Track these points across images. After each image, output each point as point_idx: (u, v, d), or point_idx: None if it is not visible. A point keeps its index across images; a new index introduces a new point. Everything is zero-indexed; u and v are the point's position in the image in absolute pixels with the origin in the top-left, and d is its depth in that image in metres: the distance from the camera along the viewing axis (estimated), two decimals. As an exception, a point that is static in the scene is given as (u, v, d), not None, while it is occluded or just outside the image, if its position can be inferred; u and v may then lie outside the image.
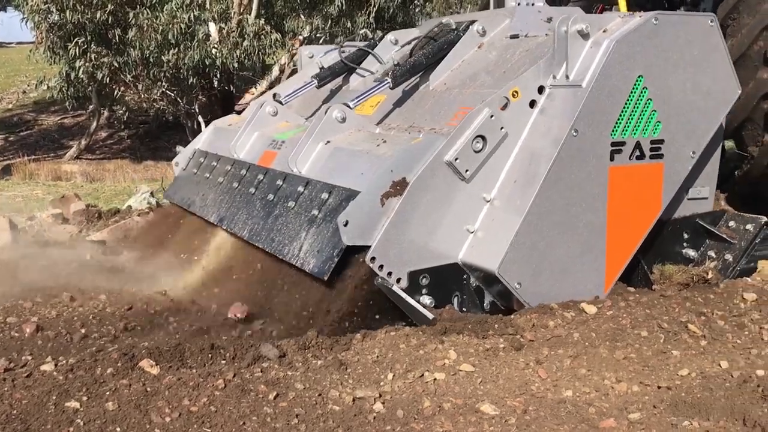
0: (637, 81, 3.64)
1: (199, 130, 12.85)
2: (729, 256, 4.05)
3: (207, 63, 10.99)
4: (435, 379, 2.95)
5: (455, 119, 3.92)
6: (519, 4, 4.90)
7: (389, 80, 4.36)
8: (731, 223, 4.13)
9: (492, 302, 3.63)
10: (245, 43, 11.01)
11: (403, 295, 3.41)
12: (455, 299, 3.59)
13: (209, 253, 4.91)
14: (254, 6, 12.13)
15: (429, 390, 2.87)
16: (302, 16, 12.81)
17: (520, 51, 4.19)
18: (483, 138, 3.55)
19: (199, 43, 10.90)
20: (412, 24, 14.11)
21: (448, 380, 2.95)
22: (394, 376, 2.98)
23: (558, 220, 3.54)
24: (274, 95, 5.49)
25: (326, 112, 4.23)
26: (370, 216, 3.41)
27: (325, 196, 3.82)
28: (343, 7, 12.09)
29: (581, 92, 3.53)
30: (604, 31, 3.63)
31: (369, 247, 3.40)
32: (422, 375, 2.98)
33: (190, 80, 11.51)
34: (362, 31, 5.86)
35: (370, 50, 5.29)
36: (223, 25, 11.23)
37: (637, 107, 3.67)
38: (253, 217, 4.36)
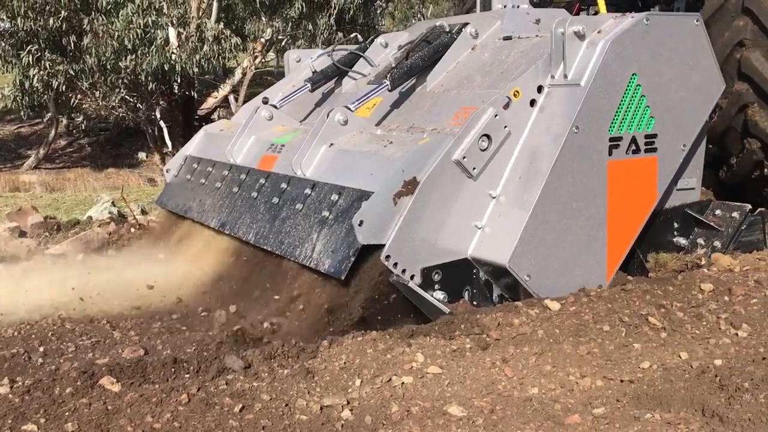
0: (631, 79, 3.83)
1: (161, 137, 12.72)
2: (718, 243, 4.26)
3: (166, 68, 10.86)
4: (403, 383, 2.96)
5: (456, 119, 4.09)
6: (505, 7, 5.12)
7: (388, 82, 4.48)
8: (717, 212, 4.34)
9: (500, 295, 3.76)
10: (205, 47, 10.91)
11: (420, 291, 3.54)
12: (466, 293, 3.72)
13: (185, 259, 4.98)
14: (214, 10, 12.05)
15: (397, 394, 2.88)
16: (264, 19, 12.74)
17: (515, 52, 4.36)
18: (488, 137, 3.69)
19: (158, 48, 10.78)
20: (373, 25, 14.13)
21: (416, 383, 2.96)
22: (361, 382, 2.98)
23: (562, 213, 3.71)
24: (264, 99, 5.62)
25: (328, 115, 4.32)
26: (384, 215, 3.52)
27: (334, 197, 3.92)
28: (304, 10, 12.04)
29: (580, 91, 3.70)
30: (599, 32, 3.81)
31: (382, 245, 3.49)
32: (390, 379, 2.99)
33: (150, 86, 11.37)
34: (354, 35, 5.87)
35: (361, 53, 5.42)
36: (181, 30, 11.10)
37: (632, 104, 3.86)
38: (258, 221, 4.44)
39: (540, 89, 3.83)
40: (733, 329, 3.35)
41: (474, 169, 3.67)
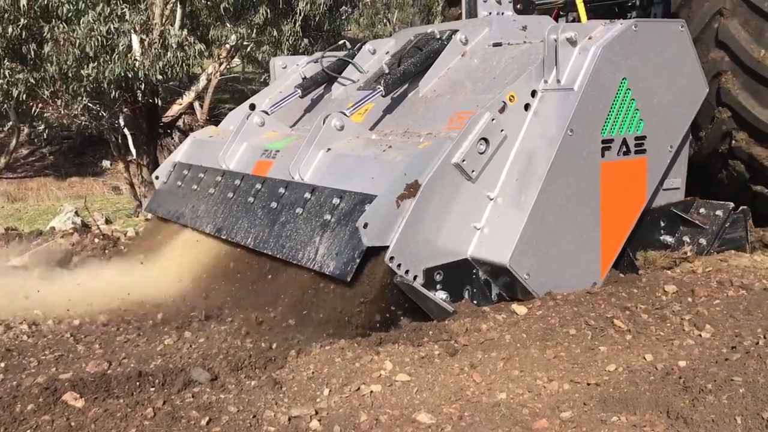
0: (621, 83, 4.00)
1: (126, 144, 12.53)
2: (703, 240, 4.45)
3: (129, 76, 10.68)
4: (371, 391, 2.97)
5: (451, 123, 4.24)
6: (490, 14, 5.29)
7: (382, 88, 4.60)
8: (702, 210, 4.52)
9: (499, 294, 3.90)
10: (168, 54, 10.76)
11: (425, 291, 3.65)
12: (466, 292, 3.84)
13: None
14: (177, 17, 11.91)
15: (365, 403, 2.88)
16: (228, 25, 12.63)
17: (506, 58, 4.51)
18: (486, 140, 3.83)
19: (120, 55, 10.61)
20: (339, 32, 14.09)
21: (385, 392, 2.97)
22: (330, 391, 2.98)
23: (558, 214, 3.85)
24: (252, 105, 5.81)
25: (324, 121, 4.41)
26: (387, 218, 3.62)
27: (336, 201, 4.01)
28: (269, 16, 11.97)
29: (574, 95, 3.85)
30: (590, 38, 3.97)
31: (386, 247, 3.59)
32: (358, 388, 3.00)
33: (113, 94, 11.18)
34: (342, 42, 6.07)
35: (350, 60, 5.54)
36: (144, 37, 10.95)
37: (623, 107, 4.03)
38: (256, 226, 4.50)
39: (534, 94, 3.97)
40: (696, 330, 3.44)
41: (473, 171, 3.80)
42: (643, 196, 4.20)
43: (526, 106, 3.95)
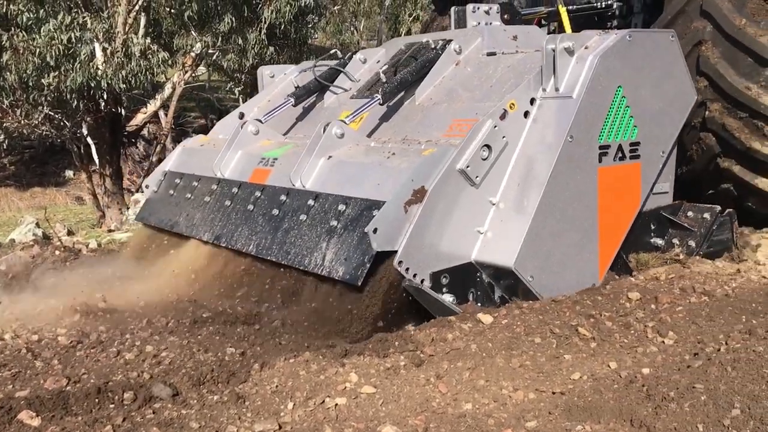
0: (617, 91, 4.14)
1: (89, 154, 12.32)
2: (692, 242, 4.58)
3: (92, 85, 10.52)
4: (336, 404, 2.94)
5: (450, 131, 4.36)
6: (479, 24, 5.44)
7: (379, 97, 4.70)
8: (689, 213, 4.66)
9: (501, 296, 4.00)
10: (132, 63, 10.62)
11: (435, 294, 3.76)
12: (471, 295, 3.94)
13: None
14: (141, 24, 11.76)
15: (330, 416, 2.85)
16: (193, 33, 12.52)
17: (502, 67, 4.64)
18: (488, 147, 3.93)
19: (82, 64, 10.44)
20: (305, 40, 14.04)
21: (350, 404, 2.94)
22: (294, 405, 2.94)
23: (559, 217, 3.98)
24: (240, 114, 5.89)
25: (324, 129, 4.49)
26: (395, 223, 3.71)
27: (342, 207, 4.08)
28: (234, 24, 11.88)
29: (572, 102, 3.99)
30: (586, 48, 4.11)
31: (394, 252, 3.67)
32: (323, 401, 2.96)
33: (75, 103, 10.99)
34: (333, 51, 6.15)
35: (341, 69, 5.63)
36: (107, 46, 10.79)
37: (618, 114, 4.17)
38: (257, 233, 4.54)
39: (532, 101, 4.09)
40: (659, 337, 3.47)
41: (476, 177, 3.90)
42: (638, 200, 4.35)
43: (526, 114, 4.07)
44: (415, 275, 3.71)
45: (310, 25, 15.04)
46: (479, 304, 3.91)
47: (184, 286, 4.86)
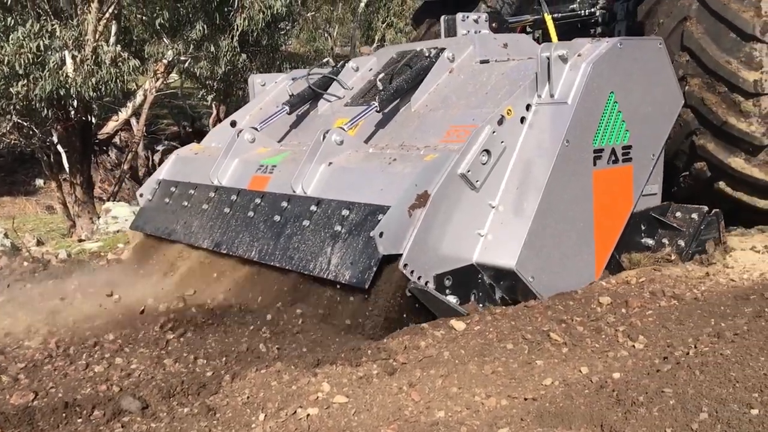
0: (609, 96, 4.29)
1: (59, 162, 12.15)
2: (681, 242, 4.71)
3: (61, 93, 10.39)
4: (308, 414, 2.93)
5: (448, 136, 4.50)
6: (468, 33, 5.60)
7: (376, 104, 4.83)
8: (678, 213, 4.80)
9: (502, 297, 4.13)
10: (102, 70, 10.50)
11: (440, 296, 3.86)
12: (473, 296, 4.05)
13: None
14: (112, 32, 11.64)
15: (302, 427, 2.84)
16: (165, 41, 12.41)
17: (496, 74, 4.79)
18: (488, 152, 4.05)
19: (51, 72, 10.31)
20: (277, 47, 13.99)
21: (322, 414, 2.93)
22: (265, 416, 2.92)
23: (558, 219, 4.11)
24: (232, 122, 5.99)
25: (324, 136, 4.58)
26: (400, 227, 3.80)
27: (345, 212, 4.18)
28: (206, 32, 11.81)
29: (568, 108, 4.12)
30: (579, 55, 4.25)
31: (399, 255, 3.77)
32: (295, 412, 2.95)
33: (45, 112, 10.84)
34: (325, 59, 6.32)
35: (334, 77, 5.75)
36: (77, 53, 10.66)
37: (611, 119, 4.32)
38: (259, 239, 4.62)
39: (528, 107, 4.22)
40: (630, 341, 3.49)
41: (477, 181, 4.02)
42: (630, 201, 4.50)
43: (522, 119, 4.20)
44: (419, 277, 3.82)
45: (283, 32, 14.99)
46: (481, 305, 4.03)
47: (157, 297, 4.84)
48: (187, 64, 13.53)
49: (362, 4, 22.67)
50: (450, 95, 4.87)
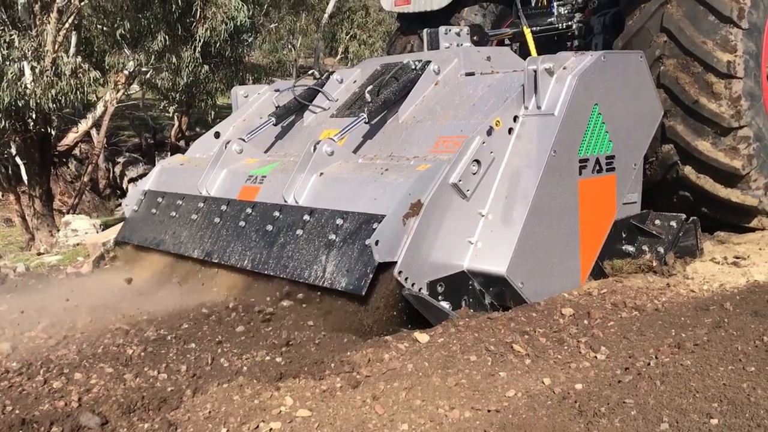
0: (594, 108, 4.46)
1: (17, 174, 11.89)
2: (661, 249, 4.89)
3: (20, 104, 10.18)
4: (271, 429, 2.92)
5: (437, 147, 4.63)
6: (450, 45, 5.76)
7: (365, 116, 4.94)
8: (657, 221, 4.97)
9: (491, 303, 4.25)
10: (61, 82, 10.32)
11: (434, 302, 3.97)
12: (464, 301, 4.16)
13: None
14: (72, 43, 11.47)
15: (265, 442, 2.78)
16: (126, 52, 12.25)
17: (482, 86, 4.92)
18: (478, 162, 4.19)
19: (9, 84, 10.10)
20: (240, 58, 13.90)
21: (285, 429, 2.92)
22: (227, 431, 2.87)
23: (546, 227, 4.25)
24: (216, 134, 6.10)
25: (315, 147, 4.69)
26: (395, 235, 3.91)
27: (339, 221, 4.28)
28: (167, 43, 11.68)
29: (555, 119, 4.27)
30: (564, 68, 4.41)
31: (394, 262, 3.87)
32: (257, 426, 2.93)
33: (2, 123, 10.61)
34: (310, 72, 6.45)
35: (319, 89, 5.85)
36: (36, 65, 10.47)
37: (595, 130, 4.48)
38: (251, 248, 4.70)
39: (515, 119, 4.37)
40: (592, 352, 3.53)
41: (468, 190, 4.15)
42: (614, 209, 4.68)
43: (510, 130, 4.34)
44: (413, 284, 3.92)
45: (246, 44, 14.90)
46: (472, 311, 4.13)
47: (117, 310, 4.80)
48: (148, 75, 13.39)
49: (326, 16, 22.73)
50: (436, 107, 5.00)
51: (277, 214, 4.68)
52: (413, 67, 5.32)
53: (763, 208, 5.64)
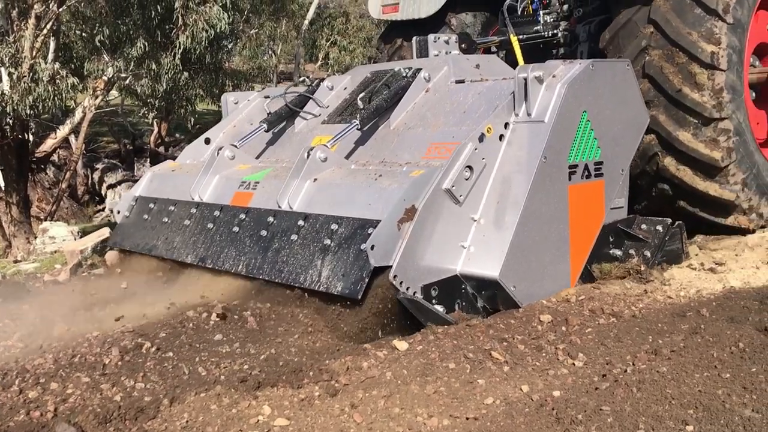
0: (582, 115, 4.56)
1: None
2: (647, 252, 5.00)
3: (-3, 111, 10.08)
4: (249, 438, 2.85)
5: (429, 153, 4.73)
6: (438, 54, 5.85)
7: (358, 122, 5.02)
8: (643, 226, 5.07)
9: (483, 306, 4.33)
10: (39, 88, 10.22)
11: (429, 305, 4.04)
12: (457, 305, 4.23)
13: None
14: (50, 49, 11.36)
15: (243, 451, 2.77)
16: (105, 58, 12.15)
17: (472, 93, 5.03)
18: (470, 168, 4.27)
19: (-15, 90, 9.99)
20: (220, 65, 13.84)
21: (262, 438, 2.86)
22: (205, 441, 2.84)
23: (537, 231, 4.34)
24: (206, 140, 6.16)
25: (308, 153, 4.76)
26: (389, 240, 3.98)
27: (334, 226, 4.36)
28: (147, 49, 11.61)
29: (545, 126, 4.36)
30: (554, 77, 4.51)
31: (389, 267, 3.94)
32: (235, 435, 2.87)
33: (-22, 131, 10.50)
34: (301, 78, 6.51)
35: (310, 95, 5.93)
36: (13, 71, 10.36)
37: (584, 136, 4.58)
38: (245, 254, 4.76)
39: (506, 125, 4.45)
40: (570, 359, 3.55)
41: (460, 196, 4.22)
42: (602, 214, 4.79)
43: (501, 137, 4.43)
44: (408, 288, 3.99)
45: (226, 50, 14.84)
46: (465, 314, 4.21)
47: (95, 318, 4.78)
48: (127, 82, 13.30)
49: (306, 22, 22.74)
50: (427, 114, 5.10)
51: (271, 219, 4.75)
52: (404, 74, 5.41)
53: (740, 204, 5.77)
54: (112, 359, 3.94)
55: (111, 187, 15.99)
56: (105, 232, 6.90)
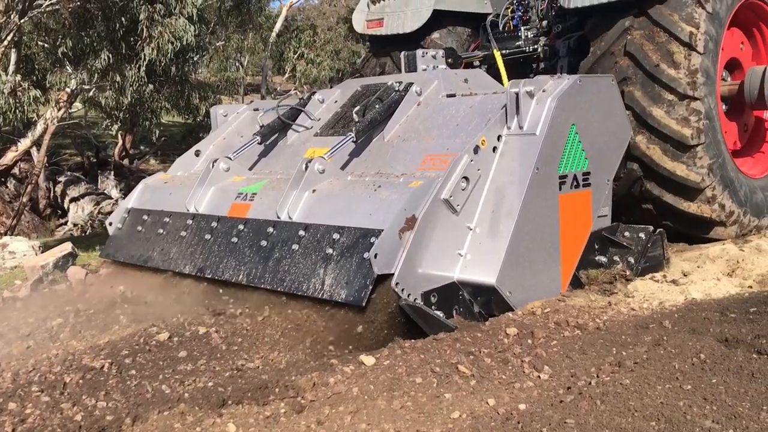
0: (571, 127, 4.79)
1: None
2: (631, 259, 5.23)
3: (-45, 124, 9.76)
4: (213, 457, 2.75)
5: (424, 164, 4.90)
6: (426, 69, 6.09)
7: (353, 135, 5.17)
8: (626, 233, 5.29)
9: (479, 312, 4.49)
10: (0, 101, 9.89)
11: (430, 311, 4.18)
12: (455, 311, 4.39)
13: None
14: (12, 60, 11.07)
15: (207, 470, 2.64)
16: (68, 69, 11.85)
17: (464, 107, 5.23)
18: (467, 178, 4.46)
19: (-56, 102, 9.65)
20: (186, 77, 13.62)
21: (228, 456, 2.75)
22: (168, 460, 2.70)
23: (530, 239, 4.56)
24: (197, 152, 6.26)
25: (306, 165, 4.89)
26: (391, 249, 4.15)
27: (336, 236, 4.49)
28: (111, 61, 11.35)
29: (537, 139, 4.57)
30: (544, 91, 4.72)
31: (391, 275, 4.09)
32: (199, 455, 2.75)
33: (-63, 143, 10.15)
34: (293, 91, 6.14)
35: (302, 108, 6.06)
36: (-27, 83, 10.04)
37: (573, 148, 4.80)
38: (246, 263, 4.86)
39: (499, 138, 4.66)
40: (535, 372, 3.55)
41: (458, 205, 4.41)
42: (590, 222, 5.01)
43: (494, 149, 4.64)
44: (409, 295, 4.15)
45: (192, 62, 14.62)
46: (462, 319, 4.37)
47: (56, 336, 4.68)
48: (91, 94, 13.03)
49: (273, 34, 22.64)
50: (420, 126, 5.30)
51: (271, 230, 4.87)
52: (396, 88, 5.60)
53: (705, 190, 6.00)
54: (73, 378, 3.86)
55: (74, 200, 15.66)
56: (67, 246, 6.72)
